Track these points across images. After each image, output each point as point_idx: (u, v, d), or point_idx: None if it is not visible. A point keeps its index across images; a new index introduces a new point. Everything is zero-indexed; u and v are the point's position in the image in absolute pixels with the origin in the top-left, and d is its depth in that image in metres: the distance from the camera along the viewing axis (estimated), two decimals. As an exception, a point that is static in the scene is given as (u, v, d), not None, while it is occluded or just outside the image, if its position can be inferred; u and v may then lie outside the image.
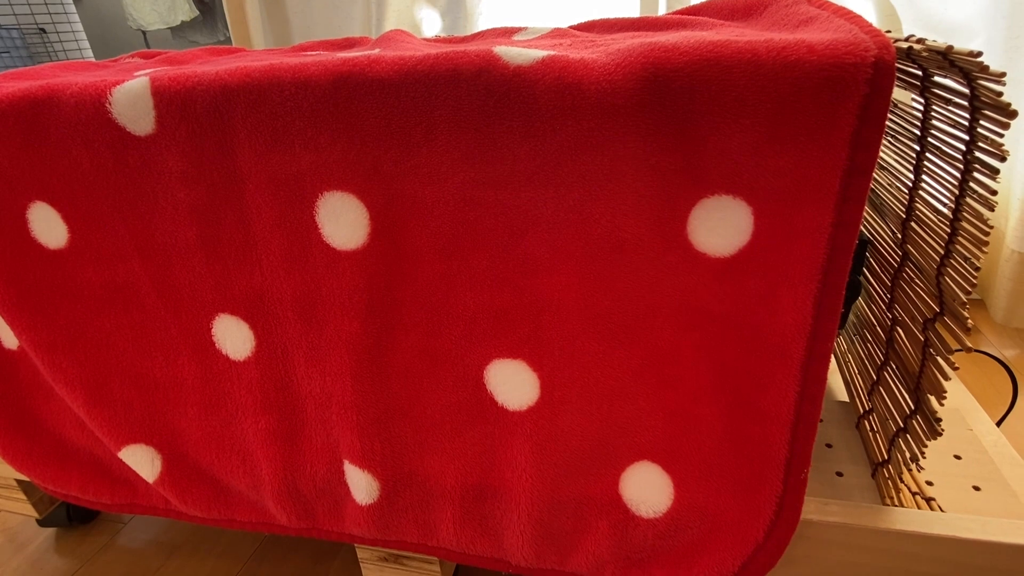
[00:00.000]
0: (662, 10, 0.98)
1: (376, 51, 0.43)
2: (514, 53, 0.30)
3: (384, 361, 0.39)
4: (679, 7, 0.98)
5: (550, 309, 0.35)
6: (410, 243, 0.36)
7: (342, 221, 0.36)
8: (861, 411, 0.47)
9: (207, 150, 0.36)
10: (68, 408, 0.50)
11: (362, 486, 0.42)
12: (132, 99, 0.36)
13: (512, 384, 0.38)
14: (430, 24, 1.09)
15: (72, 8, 2.57)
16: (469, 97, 0.31)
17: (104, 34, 2.47)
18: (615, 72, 0.29)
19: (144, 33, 2.28)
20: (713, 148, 0.29)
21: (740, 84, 0.27)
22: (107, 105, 0.36)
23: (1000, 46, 0.84)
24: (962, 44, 0.88)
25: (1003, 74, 0.26)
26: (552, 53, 0.30)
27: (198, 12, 2.14)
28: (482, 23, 1.09)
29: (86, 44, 2.62)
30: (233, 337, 0.42)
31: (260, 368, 0.43)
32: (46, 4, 2.54)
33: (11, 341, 0.50)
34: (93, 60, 0.56)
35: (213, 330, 0.43)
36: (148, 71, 0.42)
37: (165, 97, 0.35)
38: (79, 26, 2.59)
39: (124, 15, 2.22)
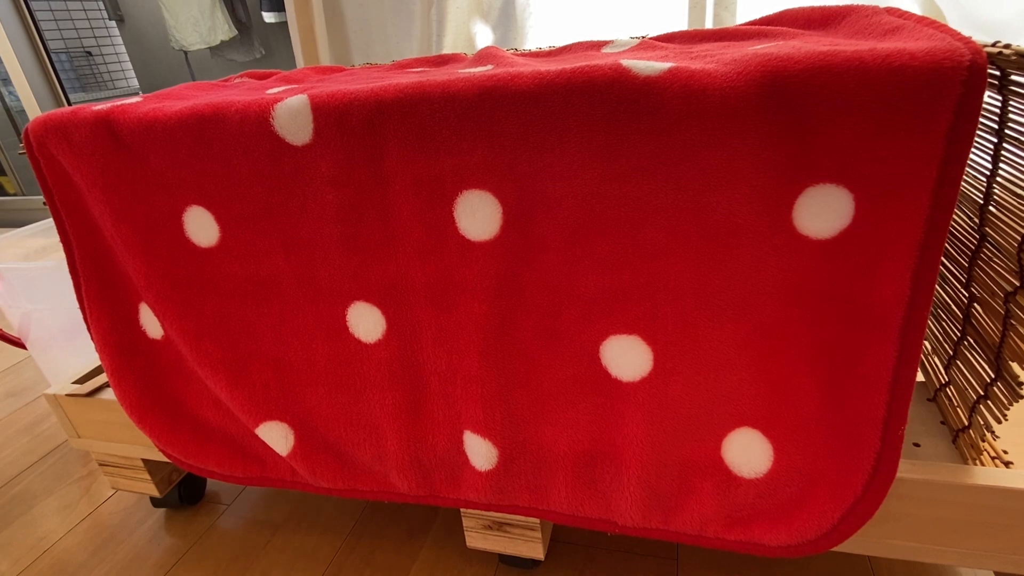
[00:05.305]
0: (709, 18, 1.03)
1: (489, 67, 0.48)
2: (642, 66, 0.35)
3: (507, 339, 0.44)
4: (724, 14, 1.02)
5: (666, 289, 0.39)
6: (538, 233, 0.41)
7: (478, 216, 0.41)
8: (938, 385, 0.51)
9: (357, 157, 0.42)
10: (205, 391, 0.56)
11: (482, 453, 0.47)
12: (293, 114, 0.42)
13: (627, 358, 0.42)
14: (483, 37, 1.15)
15: (116, 31, 2.72)
16: (601, 105, 0.36)
17: (145, 55, 2.59)
18: (737, 79, 0.33)
19: (186, 53, 2.40)
20: (822, 143, 0.34)
21: (850, 87, 0.32)
22: (270, 119, 0.42)
23: (1044, 43, 0.87)
24: (1008, 41, 0.91)
25: (1084, 72, 0.30)
26: (675, 64, 0.35)
27: (236, 32, 2.25)
28: (531, 36, 1.15)
29: (128, 65, 2.77)
30: (366, 322, 0.48)
31: (389, 349, 0.48)
32: (92, 28, 2.70)
33: (155, 331, 0.56)
34: (208, 81, 0.62)
35: (348, 316, 0.48)
36: (288, 87, 0.48)
37: (324, 111, 0.41)
38: (122, 48, 2.74)
39: (165, 36, 2.34)
